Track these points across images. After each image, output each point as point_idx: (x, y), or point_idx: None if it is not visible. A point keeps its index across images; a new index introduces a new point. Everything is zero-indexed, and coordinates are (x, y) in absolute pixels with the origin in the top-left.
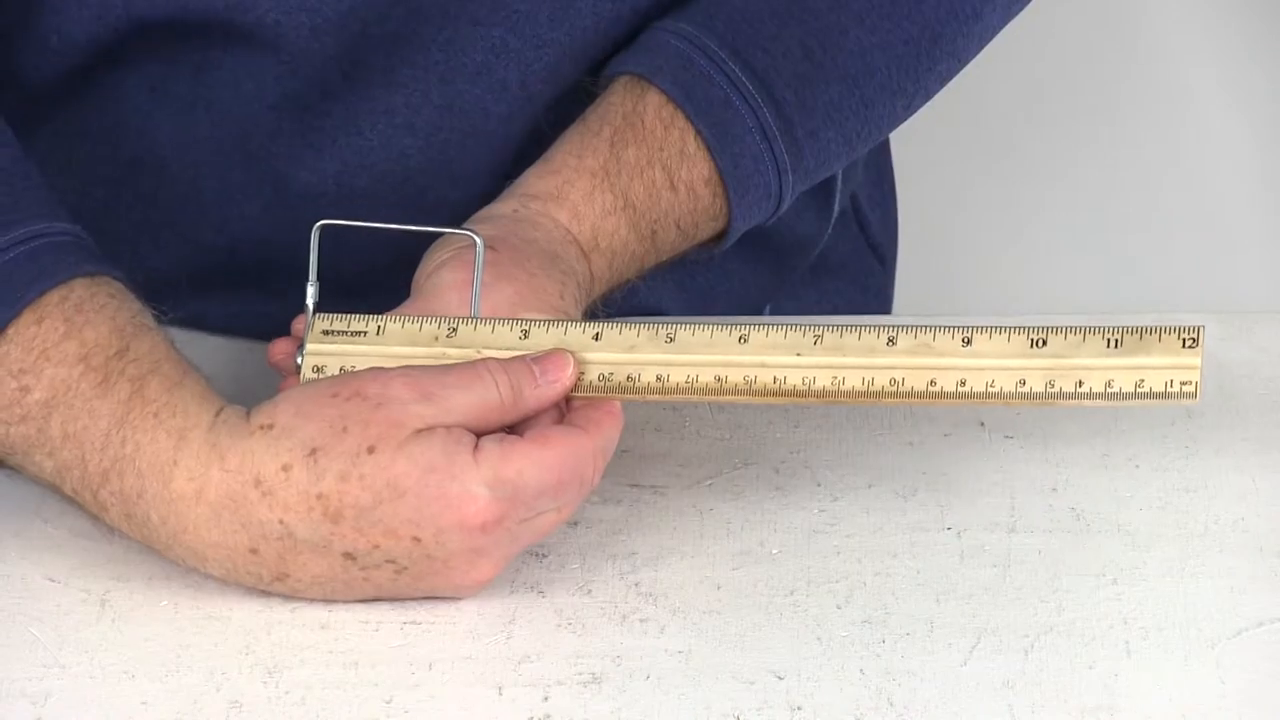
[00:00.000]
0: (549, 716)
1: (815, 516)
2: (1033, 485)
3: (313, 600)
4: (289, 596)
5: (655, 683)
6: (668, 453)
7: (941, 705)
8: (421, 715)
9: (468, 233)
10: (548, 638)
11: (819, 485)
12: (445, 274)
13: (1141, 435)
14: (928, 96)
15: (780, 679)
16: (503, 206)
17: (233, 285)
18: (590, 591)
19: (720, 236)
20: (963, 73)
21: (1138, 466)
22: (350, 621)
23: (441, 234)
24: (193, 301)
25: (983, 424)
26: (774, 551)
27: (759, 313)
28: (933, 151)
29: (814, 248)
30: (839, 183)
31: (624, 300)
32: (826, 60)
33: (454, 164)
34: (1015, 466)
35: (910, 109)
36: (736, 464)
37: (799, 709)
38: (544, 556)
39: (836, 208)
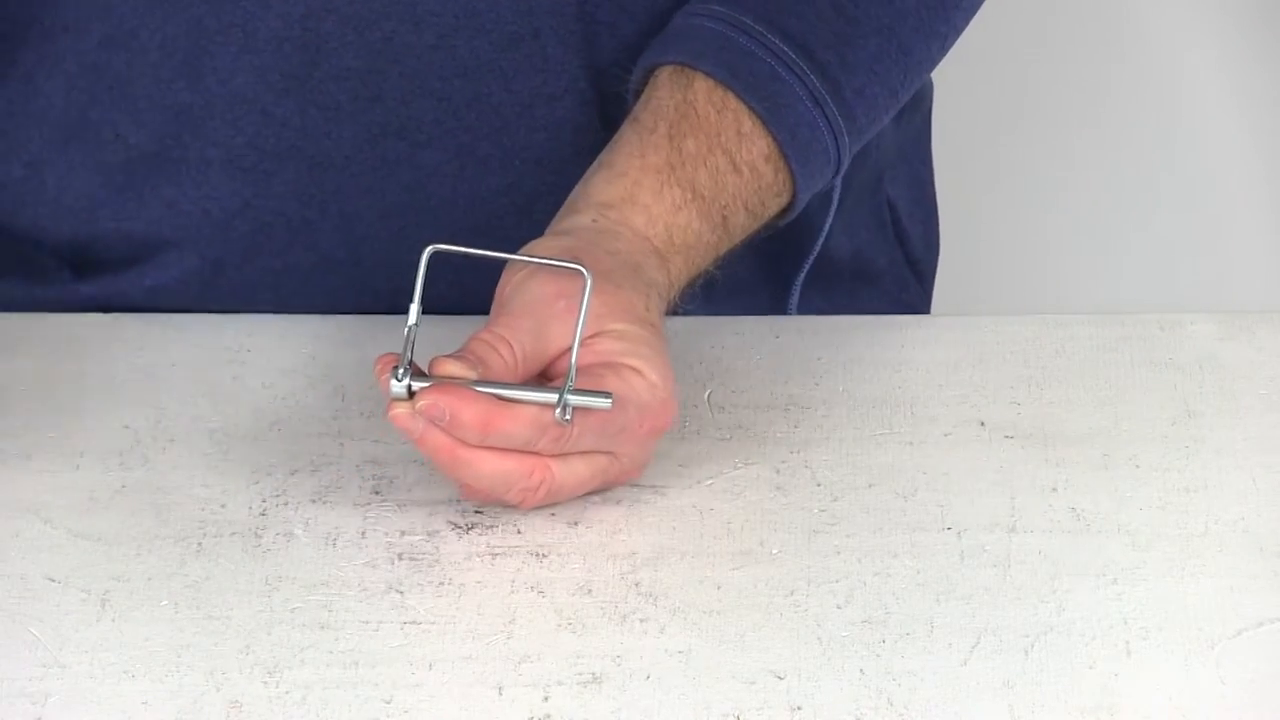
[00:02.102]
0: (549, 716)
1: (815, 516)
2: (1033, 485)
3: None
4: None
5: (655, 683)
6: (668, 453)
7: (941, 705)
8: (421, 715)
9: (576, 267)
10: (548, 638)
11: (819, 485)
12: (533, 287)
13: (1141, 435)
14: (958, 33)
15: (780, 679)
16: (581, 218)
17: (205, 162)
18: (590, 591)
19: (785, 211)
20: (983, 81)
21: (1138, 466)
22: (350, 621)
23: (544, 263)
24: (166, 187)
25: (983, 424)
26: (774, 551)
27: (779, 303)
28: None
29: (819, 227)
30: None
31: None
32: (859, 15)
33: (417, 6)
34: (1015, 466)
35: (944, 49)
36: (736, 464)
37: (799, 709)
38: (544, 557)
39: (837, 180)
